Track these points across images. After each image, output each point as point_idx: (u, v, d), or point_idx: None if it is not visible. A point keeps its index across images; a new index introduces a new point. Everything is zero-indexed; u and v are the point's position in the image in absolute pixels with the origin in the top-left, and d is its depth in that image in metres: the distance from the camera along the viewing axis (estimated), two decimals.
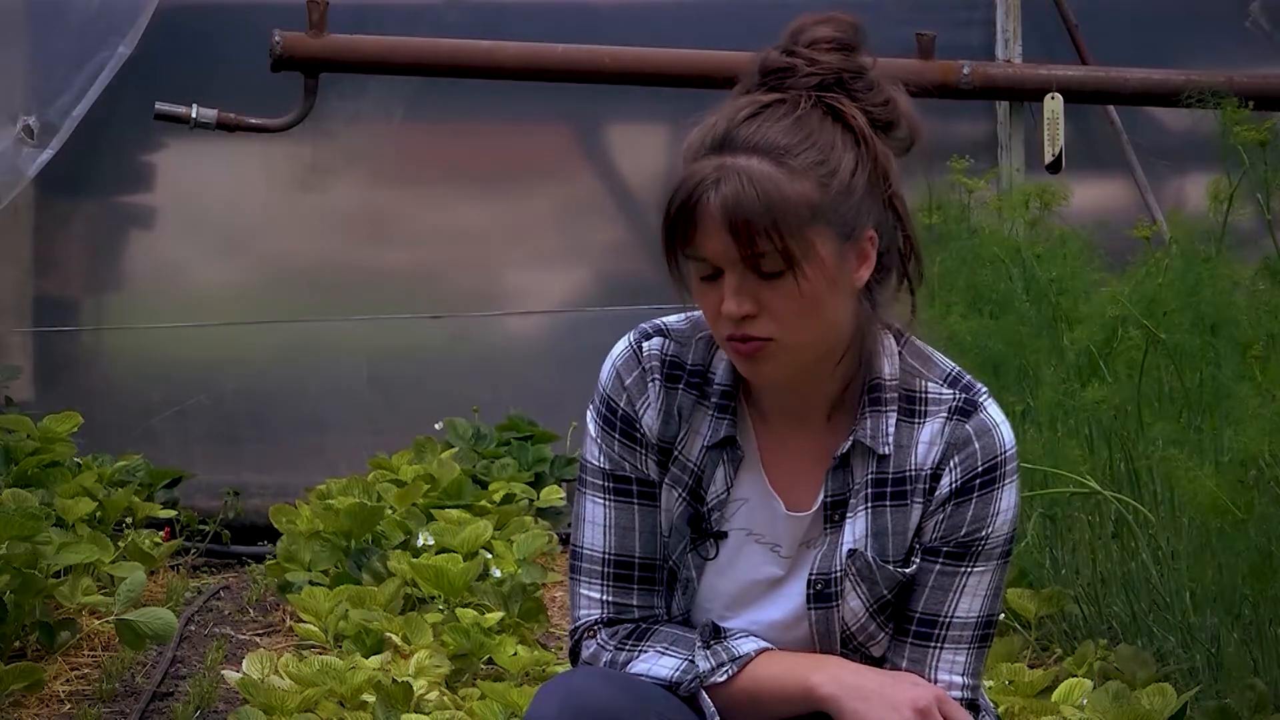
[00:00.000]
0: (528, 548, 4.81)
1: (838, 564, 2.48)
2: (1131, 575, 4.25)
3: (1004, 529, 2.49)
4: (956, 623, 2.49)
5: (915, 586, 2.49)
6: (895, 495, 2.48)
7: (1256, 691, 3.67)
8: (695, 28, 6.15)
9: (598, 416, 2.54)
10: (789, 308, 2.36)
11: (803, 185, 2.34)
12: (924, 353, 2.51)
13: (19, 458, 5.09)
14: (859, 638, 2.50)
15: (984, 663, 2.54)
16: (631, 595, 2.52)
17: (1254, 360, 3.76)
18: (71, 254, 6.05)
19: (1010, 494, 2.49)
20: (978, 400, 2.49)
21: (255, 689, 3.75)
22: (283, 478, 6.00)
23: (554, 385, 6.12)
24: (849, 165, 2.37)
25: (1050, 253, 4.68)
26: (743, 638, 2.49)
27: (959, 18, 6.28)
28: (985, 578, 2.49)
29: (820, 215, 2.35)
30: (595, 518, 2.54)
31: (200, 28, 6.00)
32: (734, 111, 2.39)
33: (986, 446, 2.47)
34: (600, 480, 2.54)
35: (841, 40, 2.43)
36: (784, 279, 2.35)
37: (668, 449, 2.51)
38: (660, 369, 2.51)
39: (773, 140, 2.35)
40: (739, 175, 2.33)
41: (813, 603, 2.49)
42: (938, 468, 2.47)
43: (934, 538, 2.48)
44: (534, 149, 6.29)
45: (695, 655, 2.47)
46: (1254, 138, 3.92)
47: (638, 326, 2.54)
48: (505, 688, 3.83)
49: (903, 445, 2.47)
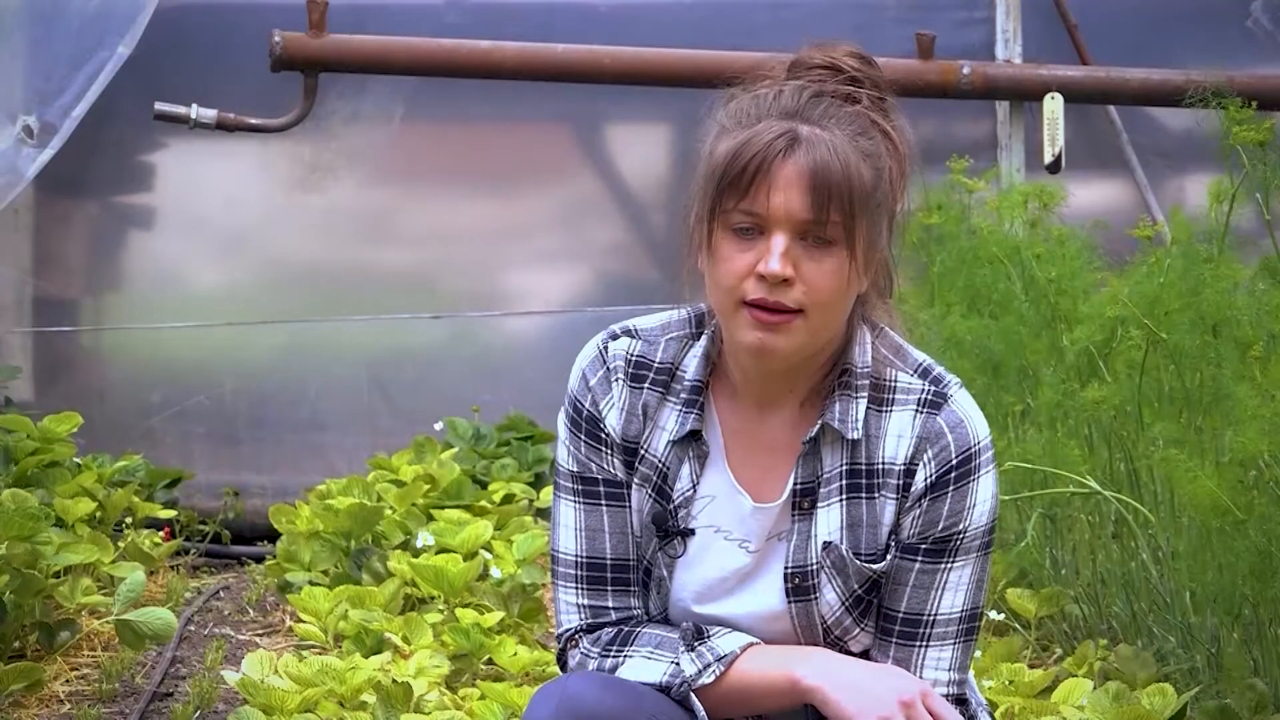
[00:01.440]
0: (527, 548, 4.81)
1: (812, 556, 2.48)
2: (1131, 575, 4.25)
3: (982, 520, 2.49)
4: (941, 620, 2.49)
5: (897, 585, 2.50)
6: (868, 487, 2.49)
7: (1256, 692, 3.67)
8: (695, 28, 6.15)
9: (566, 419, 2.57)
10: (824, 283, 2.38)
11: (867, 172, 2.39)
12: (897, 344, 2.53)
13: (19, 458, 5.09)
14: (835, 632, 2.50)
15: (970, 655, 2.54)
16: (606, 596, 2.52)
17: (1254, 361, 3.76)
18: (71, 254, 6.04)
19: (987, 485, 2.49)
20: (947, 392, 2.49)
21: (255, 689, 3.75)
22: (283, 478, 6.00)
23: (554, 385, 6.03)
24: (890, 172, 2.43)
25: (1050, 253, 4.68)
26: (725, 634, 2.49)
27: (959, 18, 6.28)
28: (966, 571, 2.49)
29: (869, 209, 2.39)
30: (567, 520, 2.55)
31: (200, 28, 6.00)
32: (796, 89, 2.41)
33: (959, 439, 2.47)
34: (569, 483, 2.55)
35: (864, 56, 2.48)
36: (829, 253, 2.37)
37: (633, 448, 2.51)
38: (625, 368, 2.52)
39: (843, 122, 2.40)
40: (825, 144, 2.36)
41: (791, 597, 2.49)
42: (911, 462, 2.48)
43: (911, 534, 2.48)
44: (534, 149, 6.29)
45: (680, 659, 2.47)
46: (1254, 138, 3.91)
47: (607, 328, 2.55)
48: (505, 688, 3.83)
49: (871, 434, 2.48)
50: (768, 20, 6.05)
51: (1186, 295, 3.99)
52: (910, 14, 6.21)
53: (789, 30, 5.92)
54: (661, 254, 6.29)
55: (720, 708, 2.48)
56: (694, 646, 2.48)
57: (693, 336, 2.53)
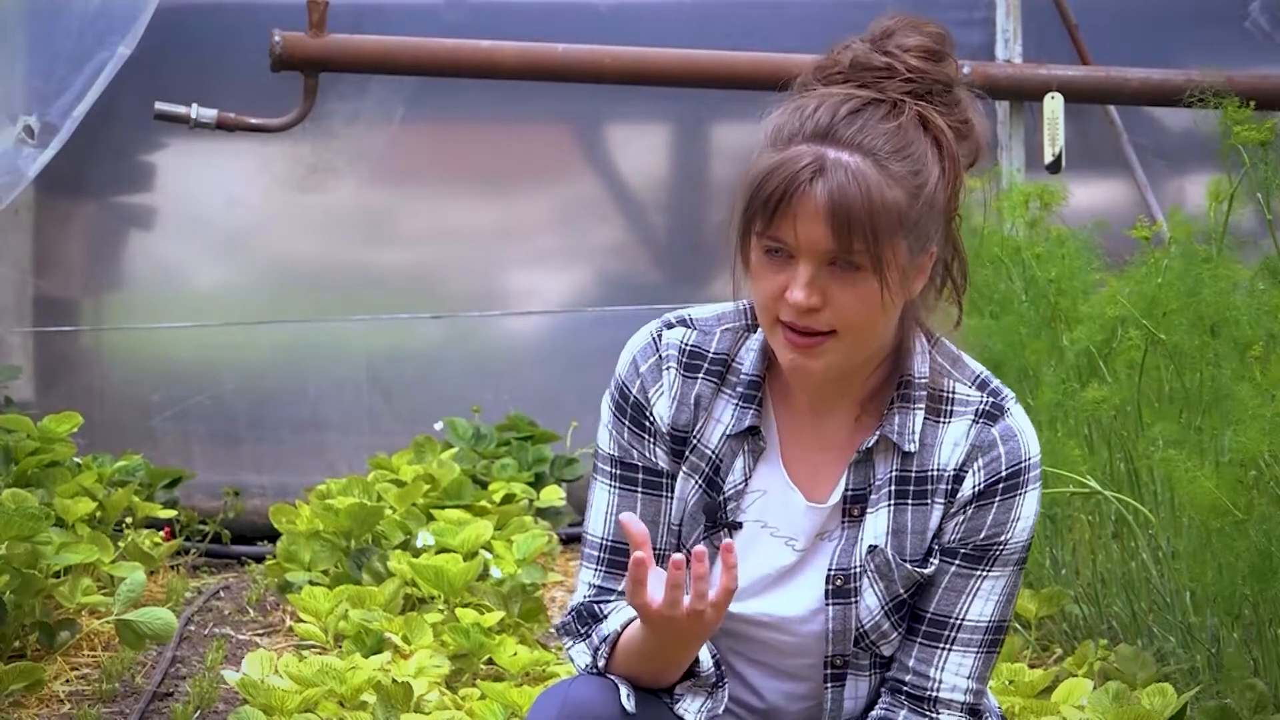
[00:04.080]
0: (527, 548, 4.81)
1: (857, 560, 2.49)
2: (1131, 575, 4.25)
3: (1022, 536, 2.49)
4: (967, 625, 2.50)
5: (929, 586, 2.50)
6: (917, 494, 2.49)
7: (1256, 692, 3.67)
8: (695, 28, 6.15)
9: (611, 403, 2.55)
10: (855, 307, 2.36)
11: (897, 193, 2.35)
12: (954, 354, 2.53)
13: (19, 458, 5.09)
14: (871, 635, 2.50)
15: (991, 669, 2.54)
16: (620, 581, 2.52)
17: (1254, 360, 3.76)
18: (71, 254, 6.04)
19: (1031, 501, 2.49)
20: (1004, 405, 2.50)
21: (255, 689, 3.75)
22: (283, 478, 6.00)
23: (554, 385, 6.12)
24: (935, 181, 2.39)
25: (1050, 253, 4.68)
26: (617, 611, 2.49)
27: (959, 18, 6.27)
28: (1000, 583, 2.50)
29: (904, 226, 2.36)
30: (600, 503, 2.55)
31: (200, 28, 6.00)
32: (835, 104, 2.37)
33: (1011, 451, 2.48)
34: (608, 466, 2.55)
35: (932, 51, 2.43)
36: (857, 278, 2.35)
37: (682, 437, 2.51)
38: (678, 358, 2.51)
39: (875, 143, 2.35)
40: (846, 171, 2.33)
41: (831, 599, 2.49)
42: (961, 469, 2.48)
43: (953, 539, 2.49)
44: (534, 149, 6.29)
45: (572, 651, 2.51)
46: (1257, 137, 3.91)
47: (662, 316, 2.54)
48: (505, 688, 3.83)
49: (926, 444, 2.48)
50: (767, 20, 6.05)
51: (1185, 295, 3.99)
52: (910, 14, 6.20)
53: (789, 30, 5.92)
54: (662, 254, 6.29)
55: (650, 673, 2.46)
56: (587, 635, 2.50)
57: (748, 329, 2.52)
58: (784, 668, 2.55)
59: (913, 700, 2.51)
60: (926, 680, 2.51)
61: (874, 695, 2.55)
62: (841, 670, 2.53)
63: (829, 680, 2.54)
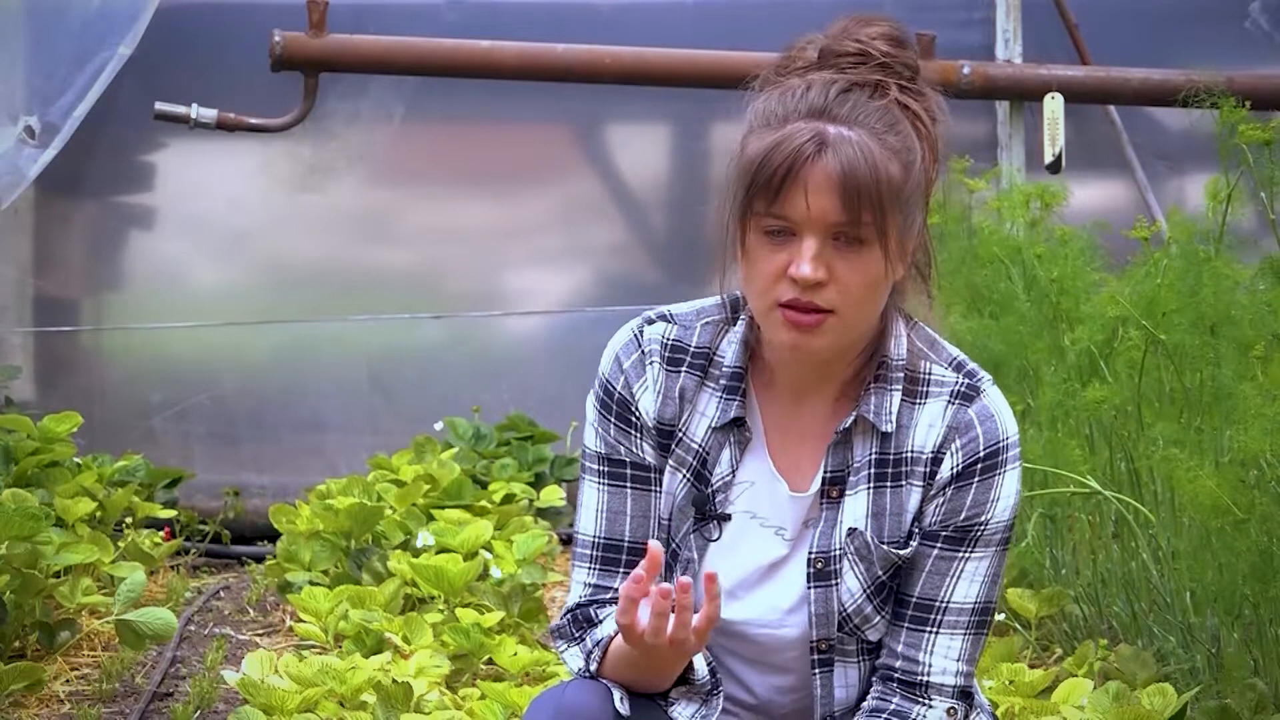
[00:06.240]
0: (528, 548, 4.81)
1: (836, 542, 2.49)
2: (1131, 575, 4.25)
3: (1004, 515, 2.50)
4: (953, 607, 2.50)
5: (913, 570, 2.51)
6: (894, 476, 2.50)
7: (1257, 692, 3.67)
8: (695, 28, 6.15)
9: (596, 401, 2.57)
10: (858, 282, 2.38)
11: (896, 168, 2.39)
12: (931, 337, 2.55)
13: (19, 458, 5.09)
14: (855, 620, 2.51)
15: (980, 650, 2.55)
16: (615, 579, 2.53)
17: (1256, 360, 3.76)
18: (71, 254, 6.04)
19: (1011, 481, 2.50)
20: (980, 386, 2.52)
21: (255, 689, 3.75)
22: (283, 478, 6.00)
23: (554, 385, 6.12)
24: (920, 161, 2.43)
25: (1050, 253, 4.68)
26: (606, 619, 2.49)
27: (959, 18, 6.28)
28: (984, 563, 2.50)
29: (899, 202, 2.39)
30: (589, 502, 2.56)
31: (200, 28, 6.00)
32: (825, 84, 2.40)
33: (989, 431, 2.49)
34: (596, 464, 2.56)
35: (896, 37, 2.47)
36: (861, 252, 2.37)
37: (668, 431, 2.52)
38: (660, 352, 2.53)
39: (869, 119, 2.39)
40: (851, 144, 2.35)
41: (812, 582, 2.50)
42: (939, 451, 2.49)
43: (933, 521, 2.49)
44: (534, 149, 6.29)
45: (566, 655, 2.51)
46: (1260, 137, 3.91)
47: (641, 314, 2.55)
48: (505, 688, 3.83)
49: (903, 425, 2.49)
50: (767, 20, 6.05)
51: (1185, 295, 3.99)
52: (910, 14, 6.20)
53: (789, 30, 5.91)
54: (662, 254, 6.29)
55: (640, 682, 2.47)
56: (581, 639, 2.50)
57: (728, 321, 2.53)
58: (773, 661, 2.56)
59: (904, 686, 2.52)
60: (916, 665, 2.51)
61: (865, 685, 2.55)
62: (828, 656, 2.53)
63: (816, 667, 2.53)
